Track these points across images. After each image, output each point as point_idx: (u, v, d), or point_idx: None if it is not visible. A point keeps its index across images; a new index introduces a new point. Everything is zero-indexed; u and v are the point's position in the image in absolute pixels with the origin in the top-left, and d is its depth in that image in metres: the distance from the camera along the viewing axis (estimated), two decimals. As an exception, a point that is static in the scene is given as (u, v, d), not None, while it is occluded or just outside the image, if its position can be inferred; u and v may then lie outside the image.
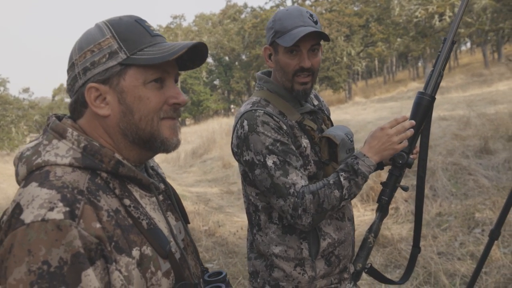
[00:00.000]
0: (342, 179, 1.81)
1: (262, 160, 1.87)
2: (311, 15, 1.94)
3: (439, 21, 38.53)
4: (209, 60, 60.41)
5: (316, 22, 1.94)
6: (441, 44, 2.01)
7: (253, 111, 1.93)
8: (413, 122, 1.88)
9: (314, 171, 1.97)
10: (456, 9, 36.35)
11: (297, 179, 1.85)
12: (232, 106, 59.77)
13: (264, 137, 1.87)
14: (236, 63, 56.11)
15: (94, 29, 1.17)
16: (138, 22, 1.18)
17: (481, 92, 18.70)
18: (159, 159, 18.54)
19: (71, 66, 1.16)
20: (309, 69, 1.95)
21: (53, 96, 72.46)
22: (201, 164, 14.97)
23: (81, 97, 1.15)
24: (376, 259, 4.97)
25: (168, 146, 1.21)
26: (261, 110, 1.93)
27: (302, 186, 1.84)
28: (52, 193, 0.99)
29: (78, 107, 1.18)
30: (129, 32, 1.15)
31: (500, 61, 39.39)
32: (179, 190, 10.14)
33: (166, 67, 1.18)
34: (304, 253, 1.98)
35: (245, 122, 1.92)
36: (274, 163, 1.85)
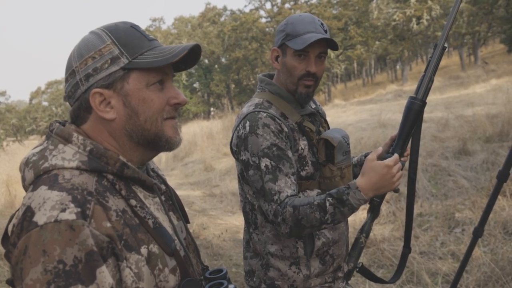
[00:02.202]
0: (327, 204, 1.78)
1: (256, 162, 1.92)
2: (322, 24, 2.02)
3: (417, 24, 38.92)
4: (189, 63, 60.00)
5: (326, 31, 2.01)
6: (430, 49, 2.07)
7: (256, 112, 1.98)
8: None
9: (312, 171, 2.02)
10: (433, 13, 36.79)
11: (285, 187, 1.88)
12: (212, 109, 59.62)
13: (262, 140, 1.91)
14: (216, 66, 55.99)
15: (92, 36, 1.20)
16: (134, 28, 1.23)
17: (458, 95, 18.97)
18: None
19: (71, 73, 1.18)
20: (314, 75, 2.02)
21: (31, 100, 71.43)
22: (182, 167, 14.89)
23: (84, 103, 1.18)
24: (359, 259, 5.01)
25: (172, 144, 1.26)
26: (264, 112, 1.97)
27: (287, 196, 1.87)
28: (63, 195, 1.03)
29: (82, 113, 1.20)
30: (128, 37, 1.19)
31: (476, 63, 39.92)
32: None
33: (165, 69, 1.23)
34: (300, 252, 2.03)
35: (247, 123, 1.96)
36: (266, 166, 1.90)
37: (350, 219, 6.19)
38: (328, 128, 2.23)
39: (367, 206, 2.12)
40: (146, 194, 1.24)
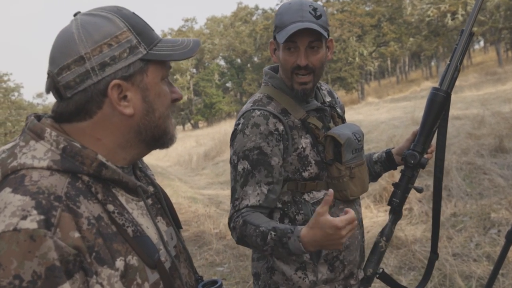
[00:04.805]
0: (269, 237, 1.68)
1: (235, 161, 1.88)
2: (314, 9, 1.83)
3: (452, 20, 38.24)
4: (221, 62, 60.53)
5: (319, 17, 1.83)
6: (458, 37, 1.92)
7: (251, 110, 1.89)
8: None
9: (316, 171, 1.89)
10: (469, 8, 36.08)
11: (251, 194, 1.83)
12: (244, 108, 59.70)
13: (246, 140, 1.85)
14: (248, 65, 56.08)
15: (102, 20, 1.05)
16: (138, 16, 1.12)
17: (495, 91, 18.51)
18: (172, 162, 18.55)
19: (78, 60, 1.02)
20: (306, 67, 1.86)
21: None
22: (213, 166, 14.93)
23: (96, 95, 1.04)
24: (390, 261, 4.88)
25: (173, 141, 1.19)
26: (259, 110, 1.87)
27: (247, 205, 1.81)
28: (25, 199, 0.91)
29: (91, 107, 1.06)
30: (139, 26, 1.09)
31: (514, 59, 38.97)
32: (190, 193, 10.09)
33: (169, 63, 1.14)
34: (305, 256, 1.90)
35: (241, 121, 1.89)
36: (242, 169, 1.85)
37: (370, 221, 6.03)
38: (343, 122, 2.08)
39: (388, 208, 2.00)
40: (128, 197, 1.12)
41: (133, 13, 1.12)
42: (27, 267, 0.86)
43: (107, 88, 1.04)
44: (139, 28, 1.08)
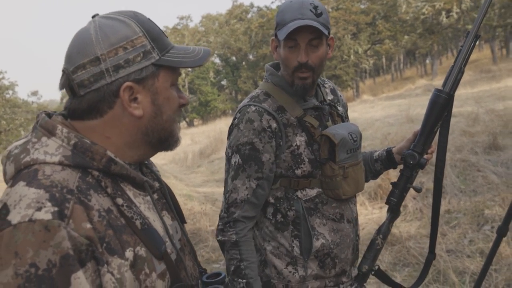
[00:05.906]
0: (240, 274, 1.90)
1: (229, 154, 1.95)
2: (314, 7, 1.86)
3: (447, 17, 38.28)
4: (216, 60, 60.45)
5: (319, 15, 1.85)
6: (463, 38, 1.95)
7: (247, 106, 1.94)
8: None
9: (309, 169, 1.93)
10: (463, 6, 36.14)
11: (239, 188, 1.90)
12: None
13: (240, 135, 1.90)
14: (243, 63, 55.98)
15: (118, 24, 1.11)
16: (153, 22, 1.17)
17: (489, 88, 18.55)
18: (167, 159, 18.53)
19: (94, 60, 1.07)
20: (306, 65, 1.88)
21: (62, 99, 72.51)
22: (208, 164, 14.93)
23: (109, 96, 1.10)
24: (384, 257, 4.92)
25: (177, 144, 1.24)
26: (254, 106, 1.92)
27: (236, 199, 1.91)
28: (40, 192, 0.96)
29: (102, 106, 1.11)
30: (154, 31, 1.14)
31: (508, 56, 39.11)
32: (186, 190, 10.10)
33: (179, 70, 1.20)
34: (295, 251, 1.94)
35: (238, 115, 1.95)
36: (235, 162, 1.91)
37: (364, 217, 6.07)
38: (343, 121, 2.11)
39: (383, 204, 2.03)
40: (136, 192, 1.17)
41: (149, 19, 1.17)
42: (42, 255, 0.90)
43: (120, 89, 1.09)
44: (153, 34, 1.13)
